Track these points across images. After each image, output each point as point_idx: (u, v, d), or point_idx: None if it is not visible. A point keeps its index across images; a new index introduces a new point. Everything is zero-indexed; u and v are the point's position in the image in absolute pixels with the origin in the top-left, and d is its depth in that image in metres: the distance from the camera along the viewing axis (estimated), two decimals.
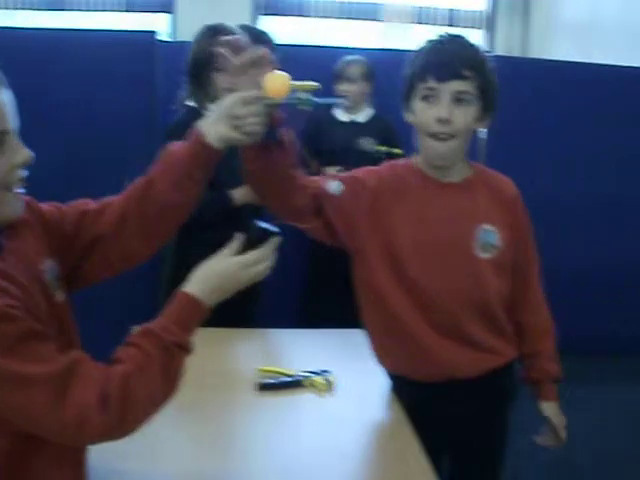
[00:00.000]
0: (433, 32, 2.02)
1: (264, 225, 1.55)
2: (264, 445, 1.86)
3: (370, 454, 1.91)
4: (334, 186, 1.93)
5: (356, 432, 1.95)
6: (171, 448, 1.81)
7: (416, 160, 2.07)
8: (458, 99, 1.92)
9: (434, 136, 1.94)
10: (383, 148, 4.00)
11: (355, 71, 4.24)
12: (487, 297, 2.03)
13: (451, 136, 1.93)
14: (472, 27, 8.10)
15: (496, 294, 2.05)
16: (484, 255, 2.00)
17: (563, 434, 2.19)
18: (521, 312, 2.14)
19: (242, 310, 2.96)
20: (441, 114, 1.91)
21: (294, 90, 1.64)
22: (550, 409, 2.17)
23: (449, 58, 1.93)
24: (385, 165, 2.11)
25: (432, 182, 2.02)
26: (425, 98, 1.93)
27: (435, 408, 2.04)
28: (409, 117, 2.01)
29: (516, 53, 8.12)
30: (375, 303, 2.04)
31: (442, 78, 1.91)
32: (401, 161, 2.15)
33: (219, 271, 1.48)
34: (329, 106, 4.16)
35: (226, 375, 2.24)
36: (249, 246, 1.51)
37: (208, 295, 1.45)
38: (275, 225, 1.57)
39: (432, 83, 1.91)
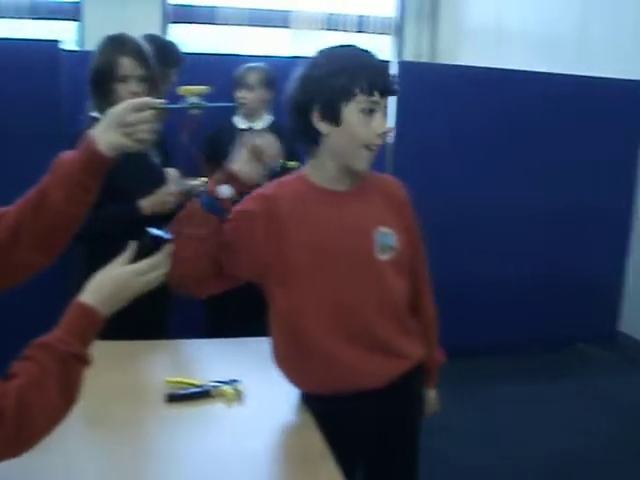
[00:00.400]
0: (342, 38, 2.02)
1: (157, 232, 1.54)
2: (173, 456, 1.83)
3: (280, 463, 1.90)
4: (224, 190, 1.92)
5: (266, 441, 1.94)
6: (81, 462, 1.77)
7: (308, 172, 2.06)
8: (385, 112, 1.98)
9: (368, 147, 1.95)
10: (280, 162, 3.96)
11: (254, 78, 4.21)
12: (393, 298, 2.06)
13: (377, 146, 1.98)
14: (381, 33, 8.19)
15: (400, 294, 2.09)
16: (384, 257, 2.02)
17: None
18: (417, 308, 2.20)
19: (154, 322, 2.94)
20: (384, 128, 1.95)
21: (185, 95, 1.64)
22: (433, 396, 2.33)
23: (387, 73, 1.97)
24: (272, 185, 2.06)
25: (327, 192, 2.03)
26: (368, 111, 1.93)
27: (346, 421, 2.03)
28: (331, 127, 1.95)
29: (425, 59, 8.25)
30: (285, 323, 2.04)
31: (385, 93, 1.95)
32: (290, 176, 2.12)
33: (112, 280, 1.47)
34: (230, 110, 4.14)
35: (135, 387, 2.21)
36: (142, 254, 1.49)
37: (102, 304, 1.43)
38: (168, 232, 1.56)
39: (377, 97, 1.93)
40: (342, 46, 2.02)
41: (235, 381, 2.14)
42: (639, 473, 3.69)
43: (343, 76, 1.90)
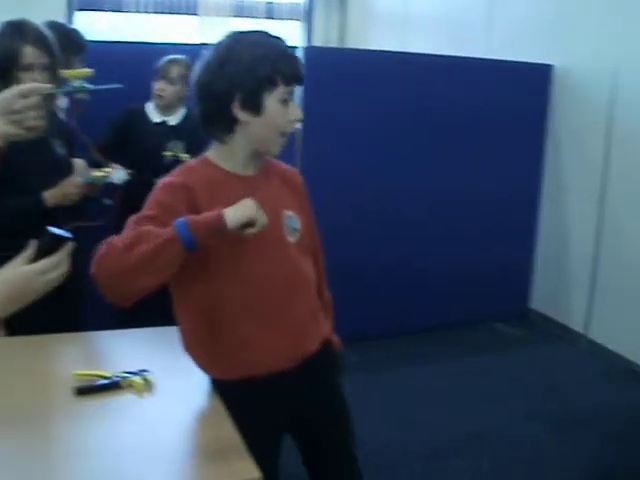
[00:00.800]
0: (251, 25, 2.02)
1: (56, 231, 1.51)
2: (84, 450, 1.80)
3: (191, 452, 1.89)
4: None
5: (177, 431, 1.93)
6: None
7: (214, 157, 2.05)
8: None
9: (283, 134, 1.99)
10: (169, 154, 3.89)
11: (176, 72, 4.10)
12: (304, 280, 2.11)
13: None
14: (290, 19, 8.18)
15: (309, 275, 2.14)
16: (291, 239, 2.07)
17: None
18: (318, 290, 2.24)
19: (66, 316, 2.89)
20: (298, 115, 1.99)
21: (68, 79, 1.61)
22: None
23: (300, 62, 2.00)
24: (179, 173, 2.03)
25: (239, 177, 2.03)
26: (285, 100, 1.95)
27: (260, 404, 2.05)
28: (251, 117, 1.95)
29: (334, 44, 8.27)
30: (198, 310, 2.03)
31: (299, 82, 1.99)
32: (195, 162, 2.09)
33: (11, 281, 1.44)
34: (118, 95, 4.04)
35: (43, 382, 2.16)
36: (42, 253, 1.47)
37: (1, 305, 1.40)
38: (68, 231, 1.53)
39: (294, 87, 1.97)
40: (255, 32, 2.01)
41: (144, 371, 2.12)
42: (556, 448, 3.79)
43: (266, 65, 1.91)
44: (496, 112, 5.34)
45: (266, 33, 2.01)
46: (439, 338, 5.25)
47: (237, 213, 1.80)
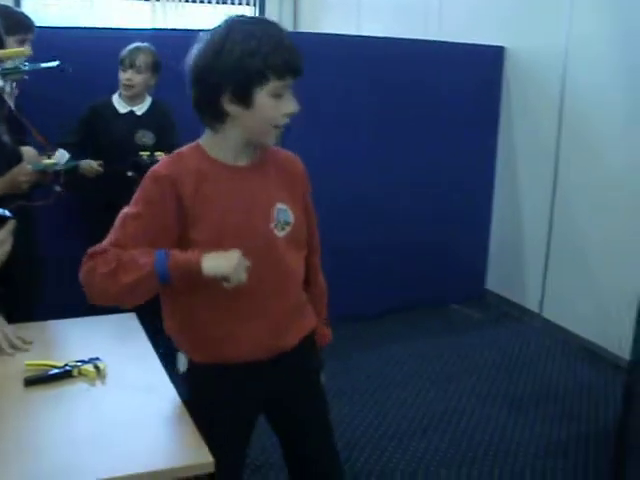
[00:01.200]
0: (205, 10, 1.95)
1: None
2: (37, 442, 1.78)
3: (144, 438, 1.89)
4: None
5: (129, 417, 1.92)
6: None
7: (207, 145, 2.00)
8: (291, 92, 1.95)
9: (277, 126, 1.93)
10: (146, 154, 3.78)
11: (143, 60, 4.00)
12: (290, 275, 2.08)
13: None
14: (243, 4, 8.14)
15: (296, 270, 2.11)
16: (282, 233, 2.02)
17: None
18: (310, 279, 2.25)
19: (24, 307, 2.87)
20: (293, 109, 1.93)
21: (3, 59, 1.58)
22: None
23: (298, 53, 1.91)
24: (169, 162, 1.98)
25: (229, 169, 1.99)
26: (278, 94, 1.89)
27: (234, 388, 2.05)
28: (241, 110, 1.90)
29: (287, 28, 8.24)
30: (179, 302, 2.02)
31: (296, 76, 1.91)
32: (187, 149, 2.02)
33: None
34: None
35: None
36: None
37: None
38: (10, 210, 1.52)
39: (289, 81, 1.90)
40: (253, 20, 1.95)
41: (96, 359, 2.11)
42: (513, 426, 3.87)
43: (257, 60, 1.83)
44: (449, 95, 5.37)
45: (265, 21, 1.94)
46: (397, 321, 5.31)
47: (216, 265, 1.80)
